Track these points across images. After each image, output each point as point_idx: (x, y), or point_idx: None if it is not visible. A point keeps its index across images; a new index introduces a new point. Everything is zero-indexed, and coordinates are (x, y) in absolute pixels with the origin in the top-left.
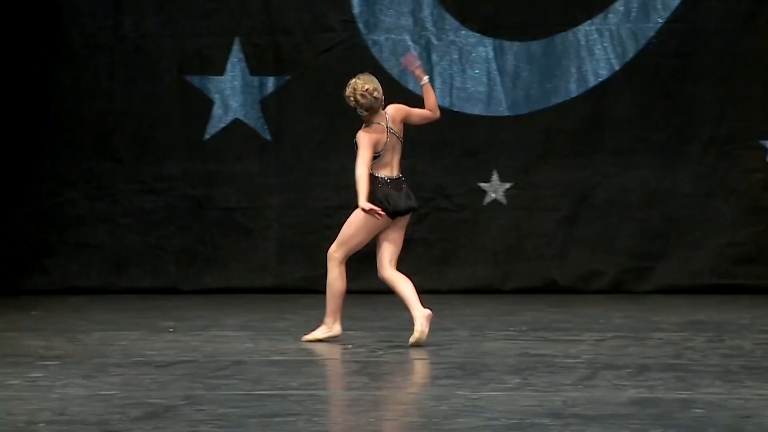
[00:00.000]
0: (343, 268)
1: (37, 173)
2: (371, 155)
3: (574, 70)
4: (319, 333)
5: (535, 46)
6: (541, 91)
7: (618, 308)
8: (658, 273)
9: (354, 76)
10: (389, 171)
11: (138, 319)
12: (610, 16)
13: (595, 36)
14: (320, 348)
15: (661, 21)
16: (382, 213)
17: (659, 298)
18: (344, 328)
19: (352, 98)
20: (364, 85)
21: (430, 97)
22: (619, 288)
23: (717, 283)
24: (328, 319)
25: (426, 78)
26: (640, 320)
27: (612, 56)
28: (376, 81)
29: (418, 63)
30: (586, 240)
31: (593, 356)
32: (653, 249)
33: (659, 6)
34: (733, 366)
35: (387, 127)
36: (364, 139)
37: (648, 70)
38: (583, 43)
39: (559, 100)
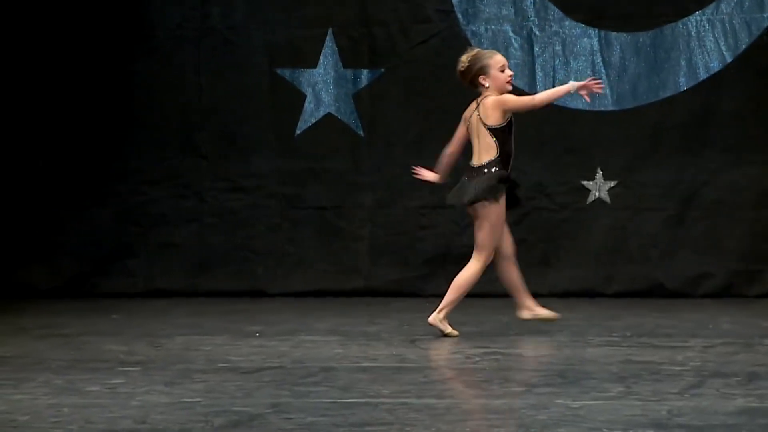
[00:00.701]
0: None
1: (120, 171)
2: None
3: (683, 63)
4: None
5: (643, 37)
6: (649, 84)
7: (727, 313)
8: None
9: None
10: (472, 157)
11: (223, 324)
12: (722, 5)
13: (707, 26)
14: (413, 354)
15: None
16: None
17: None
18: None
19: None
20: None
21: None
22: (728, 292)
23: None
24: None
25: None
26: (751, 326)
27: (724, 48)
28: (473, 55)
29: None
30: (693, 241)
31: (700, 363)
32: (765, 251)
33: None
34: None
35: (476, 107)
36: None
37: (761, 62)
38: (693, 34)
39: (668, 94)
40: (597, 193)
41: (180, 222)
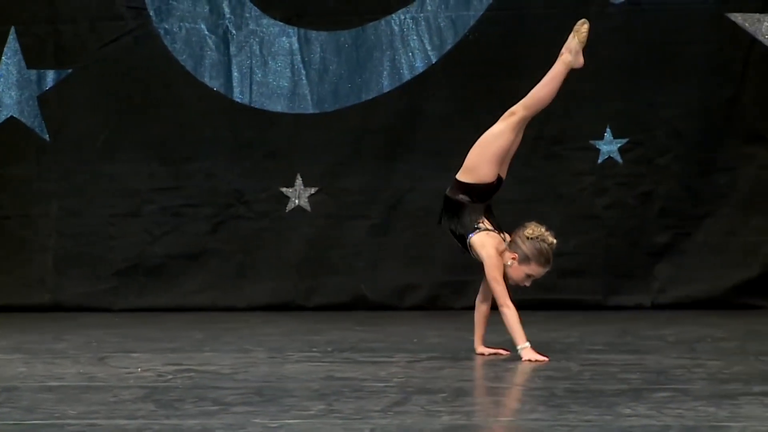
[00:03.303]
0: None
1: None
2: None
3: (387, 63)
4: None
5: (345, 36)
6: (351, 86)
7: (433, 326)
8: (477, 287)
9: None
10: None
11: None
12: (427, 2)
13: (411, 25)
14: (102, 373)
15: (482, 8)
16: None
17: None
18: (133, 350)
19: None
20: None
21: None
22: (434, 304)
23: (542, 297)
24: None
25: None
26: (457, 339)
27: (429, 47)
28: (538, 235)
29: None
30: (398, 251)
31: (405, 379)
32: (472, 260)
33: None
34: (558, 389)
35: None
36: None
37: (468, 62)
38: (397, 32)
39: (371, 96)
40: (297, 201)
41: None
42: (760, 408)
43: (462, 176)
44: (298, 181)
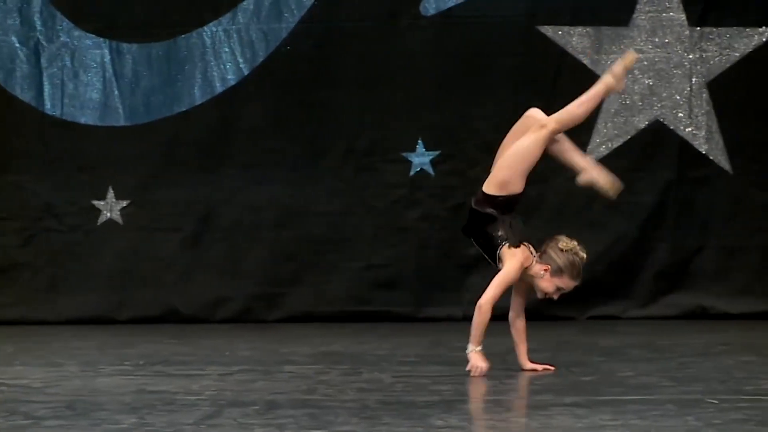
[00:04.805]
0: None
1: None
2: None
3: (199, 75)
4: None
5: (156, 48)
6: (163, 98)
7: (245, 339)
8: (290, 299)
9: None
10: None
11: None
12: (239, 15)
13: (223, 37)
14: None
15: (294, 21)
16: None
17: (290, 327)
18: None
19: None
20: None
21: None
22: (247, 316)
23: (354, 309)
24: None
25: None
26: (269, 352)
27: (241, 60)
28: (570, 248)
29: None
30: (210, 263)
31: (217, 392)
32: (284, 273)
33: (292, 4)
34: (370, 401)
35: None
36: None
37: (280, 75)
38: (209, 45)
39: (183, 109)
40: (108, 214)
41: None
42: (572, 419)
43: (491, 190)
44: (110, 193)
